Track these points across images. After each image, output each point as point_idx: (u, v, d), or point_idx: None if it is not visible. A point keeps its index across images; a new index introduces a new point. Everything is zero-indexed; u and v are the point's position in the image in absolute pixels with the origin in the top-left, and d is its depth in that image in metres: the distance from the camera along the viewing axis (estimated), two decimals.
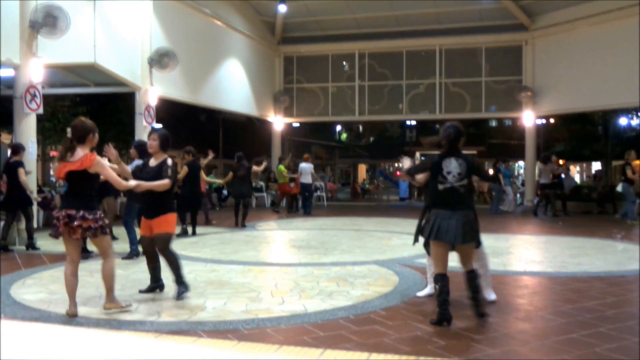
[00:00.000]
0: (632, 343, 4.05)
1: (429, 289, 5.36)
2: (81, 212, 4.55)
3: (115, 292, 4.82)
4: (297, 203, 15.80)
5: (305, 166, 14.90)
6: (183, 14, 13.77)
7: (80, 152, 4.64)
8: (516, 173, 30.32)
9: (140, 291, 5.43)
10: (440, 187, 4.48)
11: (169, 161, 5.28)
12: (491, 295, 5.21)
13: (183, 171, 9.92)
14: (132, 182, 5.02)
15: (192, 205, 10.37)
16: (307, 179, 14.82)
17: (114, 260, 4.87)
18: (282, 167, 15.28)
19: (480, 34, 18.00)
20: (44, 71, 9.30)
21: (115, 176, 4.82)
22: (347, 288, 5.76)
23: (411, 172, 4.93)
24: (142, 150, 7.52)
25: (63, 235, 4.61)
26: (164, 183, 5.15)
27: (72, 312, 4.61)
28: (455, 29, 18.20)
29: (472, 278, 4.53)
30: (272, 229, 11.78)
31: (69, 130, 4.73)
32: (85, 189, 4.67)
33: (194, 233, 10.23)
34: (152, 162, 5.38)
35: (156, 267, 5.44)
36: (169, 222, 5.29)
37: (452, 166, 4.47)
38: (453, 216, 4.41)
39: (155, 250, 5.34)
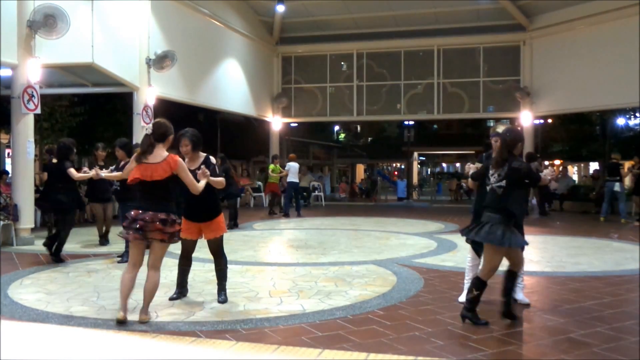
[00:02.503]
0: (630, 343, 4.06)
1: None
2: (172, 216, 4.45)
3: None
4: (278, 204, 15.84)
5: (292, 165, 14.77)
6: (181, 14, 13.74)
7: (160, 152, 4.47)
8: None
9: (171, 298, 5.20)
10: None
11: (212, 159, 5.10)
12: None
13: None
14: (202, 183, 4.72)
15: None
16: (294, 178, 14.71)
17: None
18: (272, 166, 15.14)
19: (478, 34, 17.99)
20: (42, 71, 9.28)
21: (193, 180, 4.63)
22: (345, 288, 5.76)
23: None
24: (129, 150, 7.54)
25: (151, 239, 4.43)
26: (221, 180, 4.97)
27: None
28: (454, 29, 18.19)
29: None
30: (269, 229, 11.77)
31: (148, 127, 4.52)
32: (170, 192, 4.51)
33: None
34: (190, 165, 4.95)
35: (187, 271, 5.32)
36: (221, 223, 5.19)
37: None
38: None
39: (192, 255, 5.29)
